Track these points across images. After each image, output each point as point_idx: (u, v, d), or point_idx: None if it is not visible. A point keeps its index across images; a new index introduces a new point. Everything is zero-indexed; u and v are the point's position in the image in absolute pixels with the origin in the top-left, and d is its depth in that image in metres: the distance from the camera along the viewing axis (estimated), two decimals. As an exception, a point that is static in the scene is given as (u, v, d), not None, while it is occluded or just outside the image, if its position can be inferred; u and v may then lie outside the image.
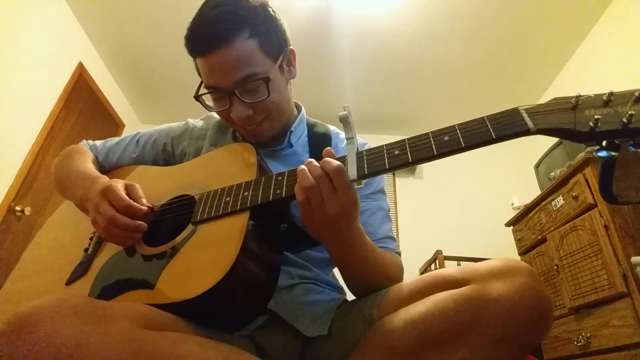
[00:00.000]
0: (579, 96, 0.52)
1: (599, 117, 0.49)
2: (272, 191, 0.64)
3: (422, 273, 2.85)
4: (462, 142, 0.56)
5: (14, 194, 2.22)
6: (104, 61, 3.06)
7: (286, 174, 0.66)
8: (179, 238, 0.66)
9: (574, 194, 1.88)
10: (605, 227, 1.69)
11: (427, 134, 0.60)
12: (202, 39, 0.74)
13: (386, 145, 0.62)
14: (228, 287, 0.56)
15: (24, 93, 2.32)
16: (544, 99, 3.32)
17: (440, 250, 2.70)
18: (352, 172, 0.60)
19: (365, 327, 0.63)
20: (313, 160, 0.62)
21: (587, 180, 1.82)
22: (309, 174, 0.60)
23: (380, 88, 3.25)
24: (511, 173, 3.59)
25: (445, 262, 2.67)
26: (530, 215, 2.26)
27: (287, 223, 0.68)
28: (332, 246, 0.68)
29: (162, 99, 3.47)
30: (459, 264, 2.65)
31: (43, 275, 0.77)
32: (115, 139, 1.01)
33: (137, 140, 0.98)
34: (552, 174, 2.20)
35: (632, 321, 1.52)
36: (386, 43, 2.82)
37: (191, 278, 0.58)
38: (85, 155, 0.94)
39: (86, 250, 0.75)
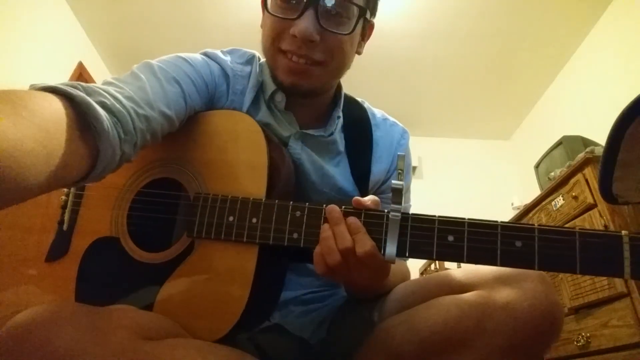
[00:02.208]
0: None
1: None
2: (287, 233, 0.55)
3: (422, 273, 2.85)
4: (537, 262, 0.45)
5: (14, 193, 2.22)
6: (104, 61, 3.06)
7: (306, 211, 0.55)
8: (175, 250, 0.60)
9: (574, 194, 1.88)
10: (605, 227, 1.69)
11: (496, 226, 0.47)
12: None
13: (439, 221, 0.50)
14: (240, 325, 0.54)
15: (24, 93, 2.32)
16: (544, 99, 3.33)
17: (440, 250, 2.70)
18: (390, 250, 0.50)
19: (366, 330, 0.62)
20: (340, 219, 0.52)
21: (587, 180, 1.81)
22: (335, 247, 0.51)
23: (380, 88, 3.25)
24: (511, 173, 3.59)
25: (445, 262, 2.67)
26: (530, 215, 2.26)
27: (298, 259, 0.62)
28: (351, 291, 0.66)
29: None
30: (459, 264, 2.65)
31: (16, 244, 0.68)
32: (122, 77, 0.61)
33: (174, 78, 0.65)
34: (552, 174, 2.20)
35: (632, 321, 1.52)
36: (386, 43, 2.82)
37: (196, 320, 0.55)
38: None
39: (60, 223, 0.66)
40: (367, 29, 0.74)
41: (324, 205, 0.55)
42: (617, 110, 0.65)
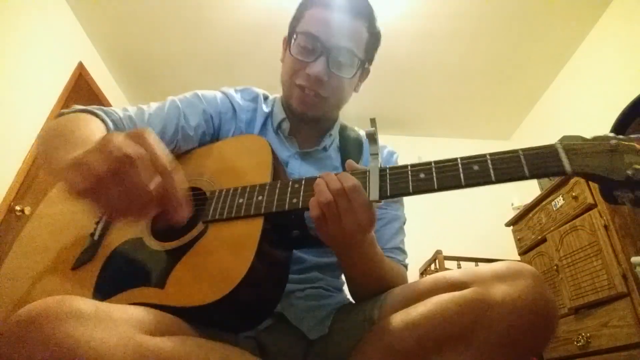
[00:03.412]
0: (620, 139, 0.49)
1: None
2: (288, 199, 0.62)
3: (421, 273, 2.85)
4: (493, 176, 0.53)
5: (14, 193, 2.22)
6: (104, 61, 3.06)
7: (303, 182, 0.64)
8: (189, 236, 0.65)
9: (574, 194, 1.88)
10: (605, 227, 1.69)
11: (456, 160, 0.57)
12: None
13: (411, 165, 0.59)
14: (241, 294, 0.55)
15: (24, 93, 2.32)
16: (544, 99, 3.33)
17: (440, 250, 2.70)
18: (373, 192, 0.58)
19: (366, 328, 0.63)
20: (331, 173, 0.61)
21: (587, 181, 1.82)
22: (327, 189, 0.58)
23: (380, 88, 3.25)
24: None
25: (445, 262, 2.67)
26: (530, 215, 2.26)
27: (299, 229, 0.67)
28: (342, 254, 0.68)
29: (162, 98, 3.46)
30: (459, 264, 2.65)
31: (44, 255, 0.75)
32: (143, 106, 0.84)
33: (178, 106, 0.84)
34: (552, 174, 2.20)
35: (632, 321, 1.52)
36: (386, 43, 2.80)
37: (203, 283, 0.57)
38: (94, 123, 0.72)
39: (92, 235, 0.72)
40: (364, 74, 0.91)
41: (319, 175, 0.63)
42: (617, 110, 0.65)
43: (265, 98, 0.94)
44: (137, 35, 2.85)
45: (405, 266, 0.82)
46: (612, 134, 0.51)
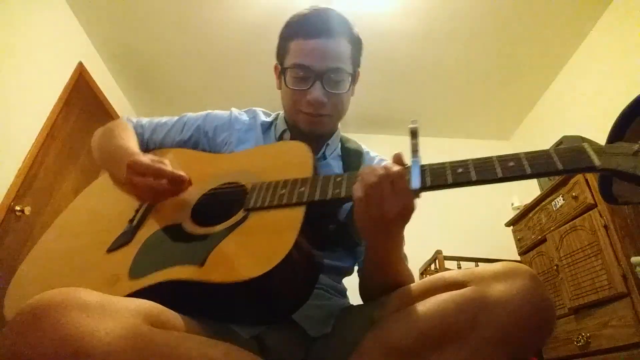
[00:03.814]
0: None
1: None
2: (330, 190, 0.65)
3: (421, 273, 2.85)
4: (528, 168, 0.57)
5: (14, 193, 2.22)
6: (104, 61, 3.06)
7: (346, 176, 0.67)
8: (231, 221, 0.66)
9: (574, 194, 1.88)
10: (605, 227, 1.69)
11: (492, 158, 0.60)
12: (316, 25, 0.85)
13: (449, 162, 0.63)
14: (279, 274, 0.55)
15: (24, 93, 2.32)
16: (544, 99, 3.33)
17: (440, 250, 2.70)
18: (415, 181, 0.61)
19: (367, 327, 0.63)
20: (375, 164, 0.64)
21: (587, 180, 1.82)
22: (371, 172, 0.61)
23: (380, 88, 3.25)
24: (511, 173, 3.59)
25: (445, 262, 2.67)
26: (530, 215, 2.26)
27: (335, 224, 0.69)
28: (377, 244, 0.68)
29: (162, 98, 3.46)
30: (458, 264, 2.65)
31: (81, 238, 0.78)
32: (163, 119, 1.03)
33: (185, 123, 0.99)
34: (552, 174, 2.20)
35: (632, 321, 1.53)
36: (385, 43, 2.82)
37: (244, 259, 0.58)
38: (127, 131, 0.96)
39: (131, 221, 0.76)
40: (356, 78, 0.94)
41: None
42: (617, 110, 0.65)
43: (266, 114, 1.03)
44: (137, 35, 2.85)
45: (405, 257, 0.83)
46: (628, 143, 0.55)
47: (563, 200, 1.97)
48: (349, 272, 0.90)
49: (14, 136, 2.26)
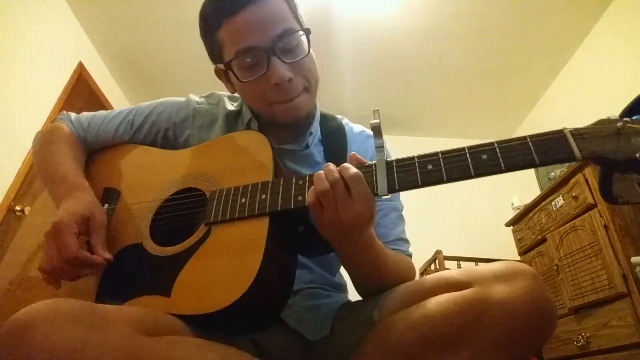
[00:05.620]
0: (625, 121, 0.49)
1: None
2: (293, 197, 0.61)
3: (421, 273, 2.85)
4: (502, 165, 0.52)
5: (14, 193, 2.22)
6: (104, 61, 3.06)
7: (307, 178, 0.62)
8: (192, 239, 0.63)
9: (574, 194, 1.88)
10: (605, 227, 1.69)
11: (463, 149, 0.55)
12: None
13: (417, 157, 0.57)
14: (251, 298, 0.54)
15: (24, 93, 2.31)
16: (544, 99, 3.33)
17: (440, 250, 2.70)
18: (382, 186, 0.56)
19: (366, 329, 0.63)
20: (331, 164, 0.60)
21: (587, 180, 1.82)
22: (325, 178, 0.58)
23: (380, 88, 3.25)
24: (511, 173, 3.58)
25: (445, 262, 2.67)
26: (530, 215, 2.26)
27: (304, 225, 0.65)
28: (341, 248, 0.66)
29: (161, 98, 3.46)
30: (458, 264, 2.65)
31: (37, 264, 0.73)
32: (104, 114, 0.91)
33: (132, 121, 0.89)
34: (552, 174, 2.20)
35: (631, 321, 1.53)
36: (386, 43, 2.82)
37: (211, 288, 0.56)
38: (66, 144, 0.85)
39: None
40: (309, 37, 0.79)
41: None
42: (617, 110, 0.65)
43: (232, 99, 0.91)
44: (137, 35, 2.85)
45: (410, 255, 0.81)
46: (614, 116, 0.51)
47: (563, 200, 1.97)
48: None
49: (14, 136, 2.26)
